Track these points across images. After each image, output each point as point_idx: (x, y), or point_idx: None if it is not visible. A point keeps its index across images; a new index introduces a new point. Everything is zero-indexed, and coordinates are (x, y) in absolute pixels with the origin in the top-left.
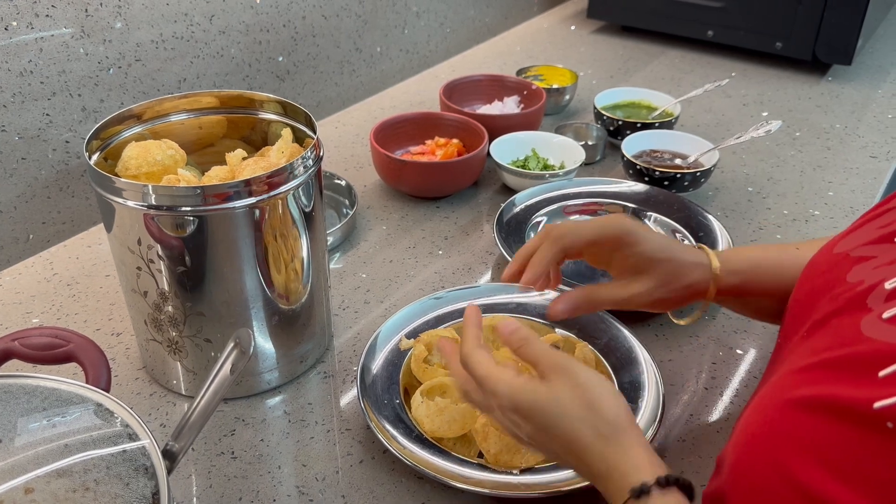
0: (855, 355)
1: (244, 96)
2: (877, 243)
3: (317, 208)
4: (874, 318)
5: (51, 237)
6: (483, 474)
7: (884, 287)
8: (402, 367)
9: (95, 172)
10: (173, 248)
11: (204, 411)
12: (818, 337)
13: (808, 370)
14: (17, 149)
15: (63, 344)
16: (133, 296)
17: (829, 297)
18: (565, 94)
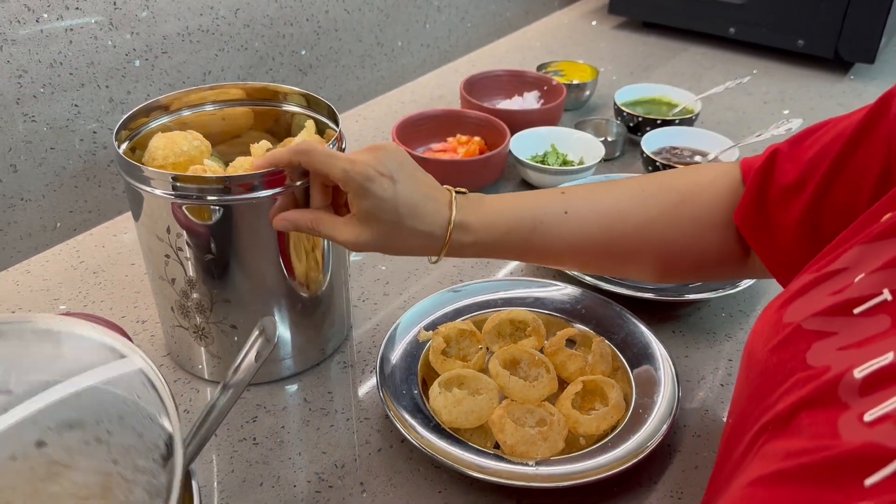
0: (835, 460)
1: (269, 89)
2: (832, 315)
3: None
4: (853, 420)
5: (77, 225)
6: (499, 465)
7: (853, 376)
8: (420, 359)
9: (125, 161)
10: (201, 237)
11: (227, 401)
12: (786, 436)
13: (778, 481)
14: (46, 138)
15: None
16: (160, 283)
17: (792, 382)
18: (585, 90)
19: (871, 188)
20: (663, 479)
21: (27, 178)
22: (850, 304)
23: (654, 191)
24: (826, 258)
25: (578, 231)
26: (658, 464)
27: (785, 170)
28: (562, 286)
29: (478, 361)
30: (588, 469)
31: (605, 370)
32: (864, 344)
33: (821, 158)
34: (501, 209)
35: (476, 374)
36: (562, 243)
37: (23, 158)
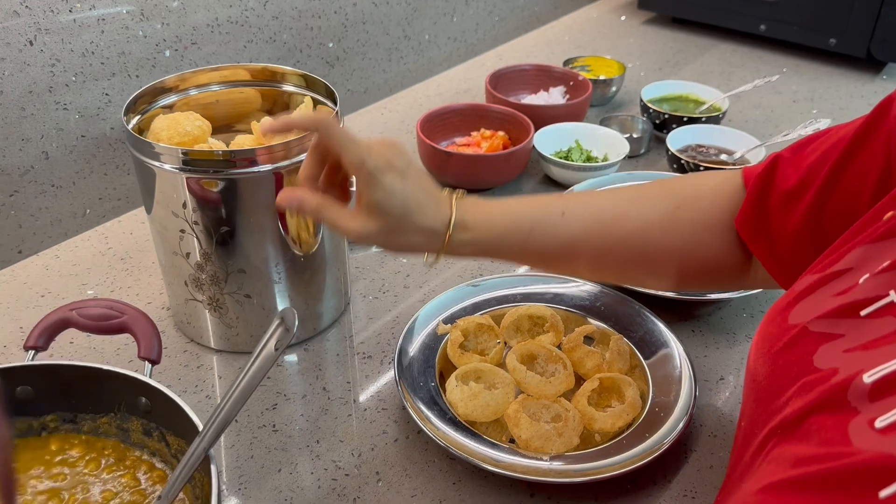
0: (848, 470)
1: (268, 69)
2: (839, 316)
3: None
4: (864, 425)
5: (106, 212)
6: (514, 458)
7: (862, 380)
8: (438, 352)
9: (136, 139)
10: (215, 210)
11: (247, 387)
12: (797, 441)
13: (790, 489)
14: (78, 126)
15: (118, 315)
16: (174, 258)
17: (800, 385)
18: (612, 86)
19: (871, 191)
20: (678, 478)
21: (58, 166)
22: (856, 306)
23: (654, 195)
24: (829, 258)
25: (576, 232)
26: (673, 462)
27: (786, 175)
28: (581, 283)
29: (495, 356)
30: (602, 466)
31: (622, 368)
32: (872, 346)
33: (821, 164)
34: (500, 210)
35: (493, 369)
36: (560, 244)
37: (54, 146)
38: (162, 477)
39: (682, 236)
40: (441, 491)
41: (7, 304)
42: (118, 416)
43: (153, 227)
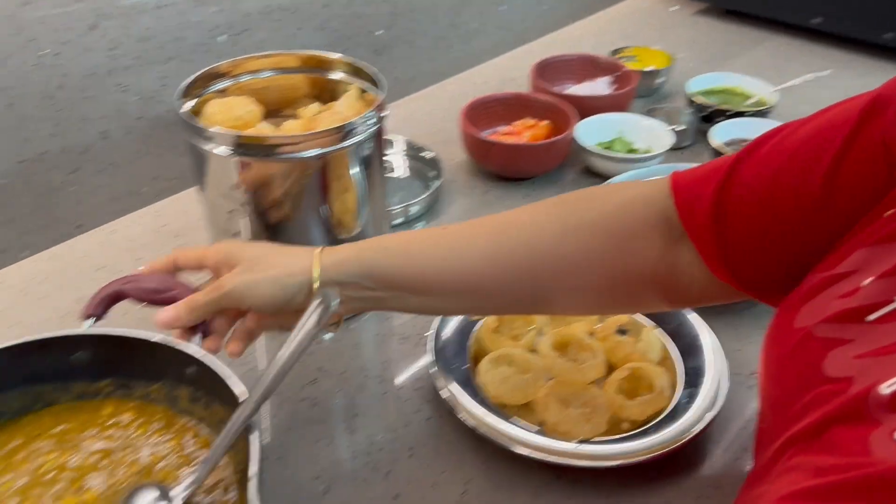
0: (871, 480)
1: (317, 57)
2: (843, 321)
3: (375, 161)
4: (885, 437)
5: (161, 191)
6: (541, 441)
7: (879, 392)
8: (472, 336)
9: (190, 123)
10: (262, 191)
11: (287, 362)
12: (818, 451)
13: (813, 498)
14: (135, 108)
15: (170, 289)
16: (223, 236)
17: (815, 395)
18: (658, 77)
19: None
20: (703, 468)
21: (116, 145)
22: (861, 311)
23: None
24: (831, 259)
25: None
26: (700, 454)
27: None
28: None
29: (528, 342)
30: (628, 452)
31: (653, 358)
32: (883, 353)
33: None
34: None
35: (525, 354)
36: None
37: (113, 126)
38: (206, 443)
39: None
40: (470, 470)
41: (66, 276)
42: (168, 383)
43: (205, 206)
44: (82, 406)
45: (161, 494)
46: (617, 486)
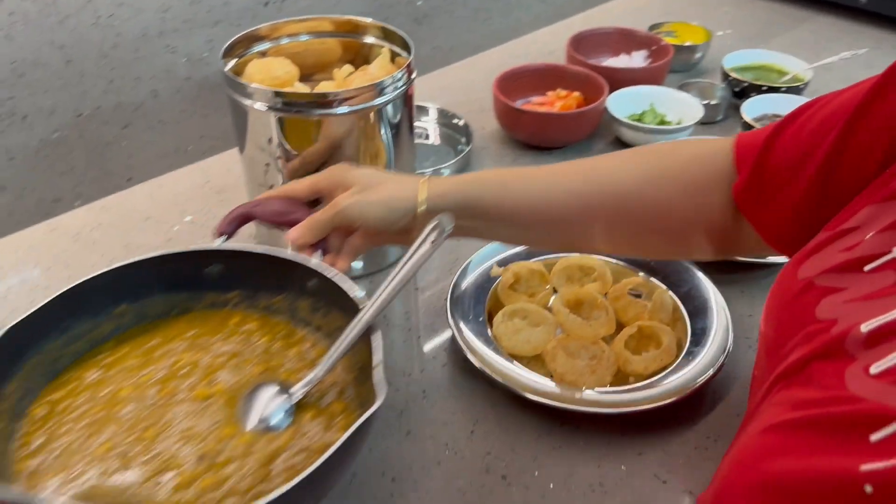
0: (844, 416)
1: (351, 22)
2: (843, 271)
3: (404, 122)
4: (859, 372)
5: (206, 150)
6: (547, 387)
7: (860, 330)
8: (490, 292)
9: (231, 80)
10: (297, 146)
11: (404, 277)
12: (798, 386)
13: (790, 430)
14: (184, 69)
15: (293, 211)
16: (259, 189)
17: (803, 335)
18: (696, 52)
19: (882, 152)
20: (704, 421)
21: (165, 104)
22: (861, 262)
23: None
24: (841, 217)
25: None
26: (701, 408)
27: (785, 146)
28: None
29: (543, 299)
30: (629, 401)
31: (663, 319)
32: (870, 298)
33: (823, 130)
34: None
35: (539, 309)
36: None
37: (162, 86)
38: (323, 351)
39: (669, 197)
40: (479, 411)
41: (115, 225)
42: (290, 295)
43: (244, 162)
44: (212, 315)
45: (281, 390)
46: (617, 434)
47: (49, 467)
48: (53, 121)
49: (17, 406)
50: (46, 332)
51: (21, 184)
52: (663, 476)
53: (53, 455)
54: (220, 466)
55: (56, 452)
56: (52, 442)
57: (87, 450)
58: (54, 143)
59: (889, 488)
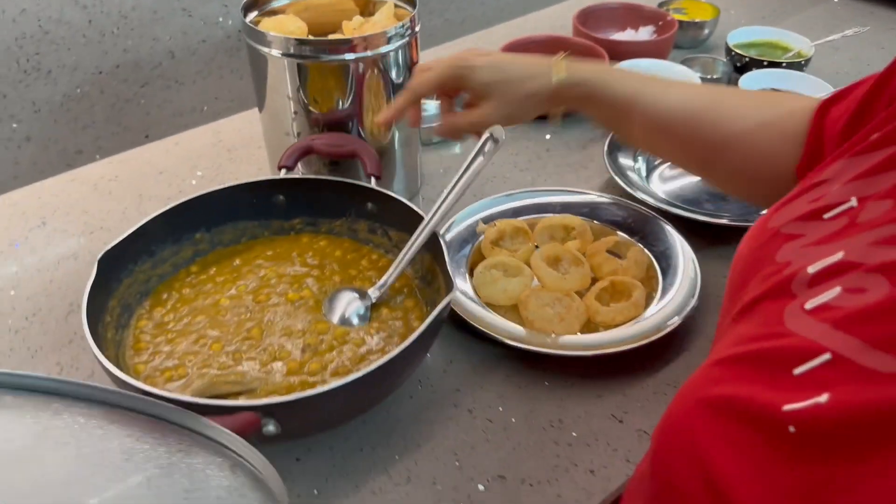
0: (774, 350)
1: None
2: (806, 219)
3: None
4: (797, 308)
5: (221, 111)
6: (515, 331)
7: (807, 271)
8: (473, 247)
9: (252, 30)
10: (306, 91)
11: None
12: (745, 323)
13: (730, 363)
14: (199, 32)
15: (348, 144)
16: (281, 140)
17: (759, 277)
18: (704, 29)
19: None
20: (665, 369)
21: (182, 65)
22: (822, 211)
23: (763, 97)
24: (816, 171)
25: (677, 105)
26: (664, 357)
27: (835, 118)
28: (619, 199)
29: (523, 255)
30: (591, 344)
31: (636, 275)
32: (822, 243)
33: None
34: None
35: (517, 262)
36: (658, 113)
37: (179, 47)
38: (389, 262)
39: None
40: (453, 353)
41: (131, 178)
42: (349, 219)
43: (264, 115)
44: (281, 239)
45: (360, 295)
46: (580, 378)
47: (165, 369)
48: (76, 77)
49: (119, 319)
50: (137, 255)
51: (45, 135)
52: (619, 416)
53: (168, 359)
54: (322, 353)
55: (170, 356)
56: (162, 347)
57: (199, 352)
58: (77, 99)
59: (809, 427)
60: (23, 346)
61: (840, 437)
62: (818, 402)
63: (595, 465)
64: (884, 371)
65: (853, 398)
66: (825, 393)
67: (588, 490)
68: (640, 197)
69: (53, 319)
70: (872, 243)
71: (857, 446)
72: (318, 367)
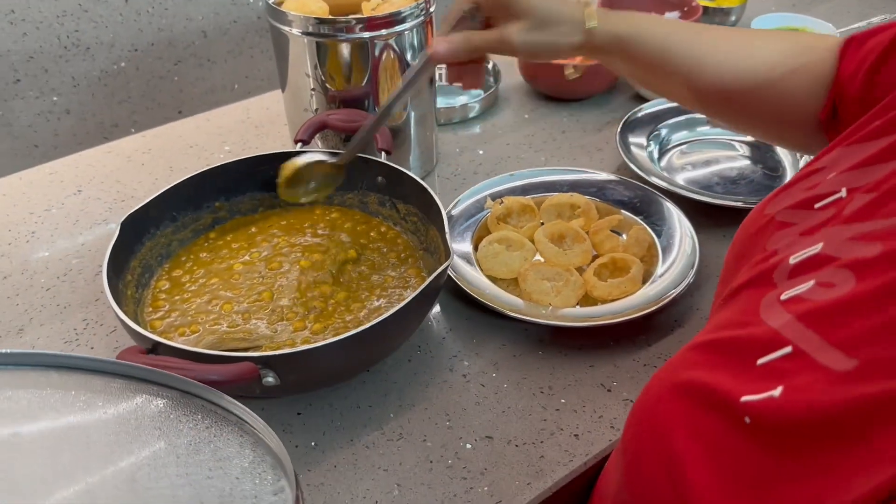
0: (743, 339)
1: None
2: (799, 208)
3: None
4: (774, 299)
5: (251, 90)
6: (513, 301)
7: (788, 262)
8: (480, 222)
9: (274, 10)
10: (326, 69)
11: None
12: (727, 308)
13: (703, 348)
14: (231, 12)
15: (360, 120)
16: (304, 115)
17: (750, 264)
18: (731, 15)
19: None
20: (658, 344)
21: (214, 44)
22: (814, 200)
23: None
24: (816, 159)
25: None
26: (657, 332)
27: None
28: (627, 180)
29: (528, 231)
30: (585, 316)
31: (637, 253)
32: (809, 233)
33: None
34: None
35: (520, 237)
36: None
37: (211, 27)
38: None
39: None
40: (453, 322)
41: (163, 150)
42: (360, 192)
43: (286, 93)
44: (295, 210)
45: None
46: (574, 349)
47: (179, 325)
48: (113, 53)
49: (140, 279)
50: (159, 220)
51: (83, 109)
52: (608, 385)
53: (182, 316)
54: (328, 315)
55: (184, 314)
56: (178, 306)
57: (211, 311)
58: (114, 74)
59: (762, 420)
60: (53, 302)
61: (790, 432)
62: (772, 396)
63: (580, 430)
64: (836, 369)
65: (803, 395)
66: (779, 386)
67: (571, 452)
68: (649, 179)
69: (83, 279)
70: (850, 238)
71: (804, 442)
72: (320, 328)
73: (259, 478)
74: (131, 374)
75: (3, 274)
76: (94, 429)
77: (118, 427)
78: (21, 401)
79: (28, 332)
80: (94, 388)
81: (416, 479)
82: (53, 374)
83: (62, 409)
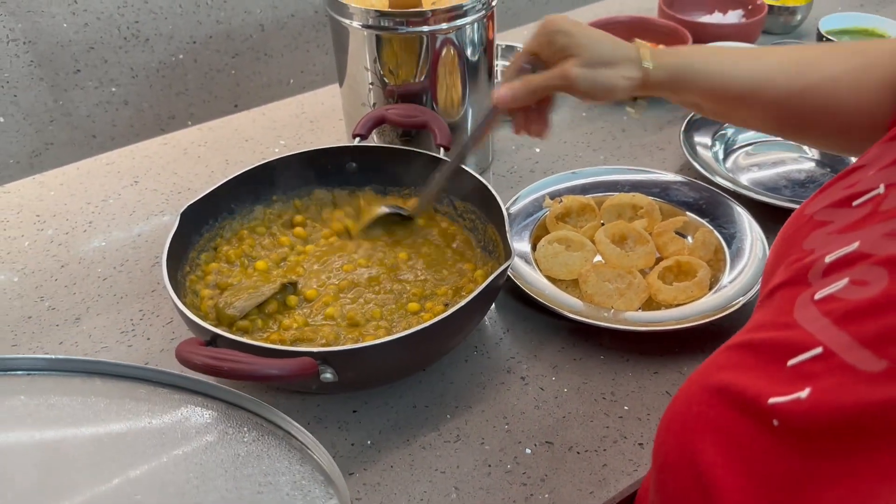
0: (775, 340)
1: None
2: (837, 206)
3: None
4: (808, 298)
5: (306, 84)
6: (572, 303)
7: (824, 261)
8: (538, 220)
9: (336, 3)
10: (385, 62)
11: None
12: (764, 309)
13: (737, 349)
14: (289, 6)
15: (420, 115)
16: (362, 109)
17: (786, 263)
18: (797, 14)
19: None
20: None
21: (271, 38)
22: (853, 198)
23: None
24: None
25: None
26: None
27: None
28: (692, 181)
29: (588, 231)
30: (649, 320)
31: (703, 256)
32: (845, 231)
33: None
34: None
35: (580, 237)
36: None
37: (269, 20)
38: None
39: (868, 95)
40: (510, 322)
41: (219, 143)
42: (418, 189)
43: (346, 83)
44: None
45: None
46: (636, 353)
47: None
48: (171, 46)
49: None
50: (217, 211)
51: (141, 100)
52: (674, 392)
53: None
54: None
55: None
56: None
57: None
58: (171, 66)
59: (790, 422)
60: (109, 292)
61: (817, 435)
62: (798, 398)
63: (645, 439)
64: (865, 370)
65: (831, 396)
66: (807, 387)
67: (635, 461)
68: (715, 180)
69: (139, 270)
70: (886, 234)
71: (833, 444)
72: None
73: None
74: (177, 383)
75: (61, 263)
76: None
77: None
78: (65, 407)
79: (85, 322)
80: (138, 397)
81: (475, 482)
82: (97, 382)
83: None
